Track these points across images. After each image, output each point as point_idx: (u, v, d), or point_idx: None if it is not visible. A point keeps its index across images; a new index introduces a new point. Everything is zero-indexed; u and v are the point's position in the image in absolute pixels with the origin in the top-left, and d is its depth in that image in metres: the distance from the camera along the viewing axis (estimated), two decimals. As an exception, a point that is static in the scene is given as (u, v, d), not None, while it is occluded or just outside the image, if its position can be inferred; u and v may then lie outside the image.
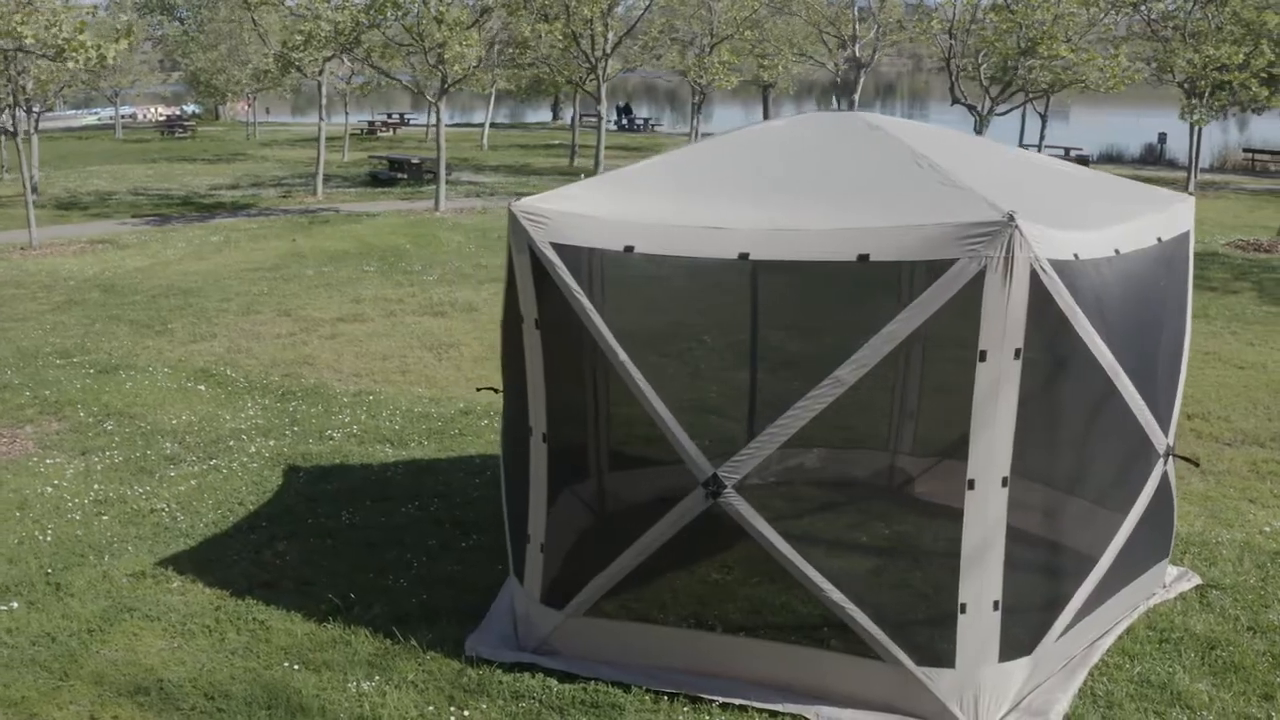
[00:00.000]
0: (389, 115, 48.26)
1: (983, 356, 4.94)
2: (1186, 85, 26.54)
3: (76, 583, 6.86)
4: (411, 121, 49.24)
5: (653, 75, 58.60)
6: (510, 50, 30.89)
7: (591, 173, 15.76)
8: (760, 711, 5.35)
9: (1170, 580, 6.69)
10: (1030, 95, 22.87)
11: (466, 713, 5.39)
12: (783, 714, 5.32)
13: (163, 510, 8.00)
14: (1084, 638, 5.81)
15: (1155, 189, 6.35)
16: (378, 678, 5.70)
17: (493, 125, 43.94)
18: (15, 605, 6.56)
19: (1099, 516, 5.69)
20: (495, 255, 18.91)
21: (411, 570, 6.98)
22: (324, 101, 26.68)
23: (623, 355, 5.33)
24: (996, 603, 5.18)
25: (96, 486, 8.43)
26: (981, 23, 23.40)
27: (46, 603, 6.62)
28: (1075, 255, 5.15)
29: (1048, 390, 5.20)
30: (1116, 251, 5.48)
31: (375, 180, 29.15)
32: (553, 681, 5.63)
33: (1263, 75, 25.85)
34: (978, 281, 4.85)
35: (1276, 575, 6.80)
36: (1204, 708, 5.45)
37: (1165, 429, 5.99)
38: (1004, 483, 5.09)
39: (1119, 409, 5.55)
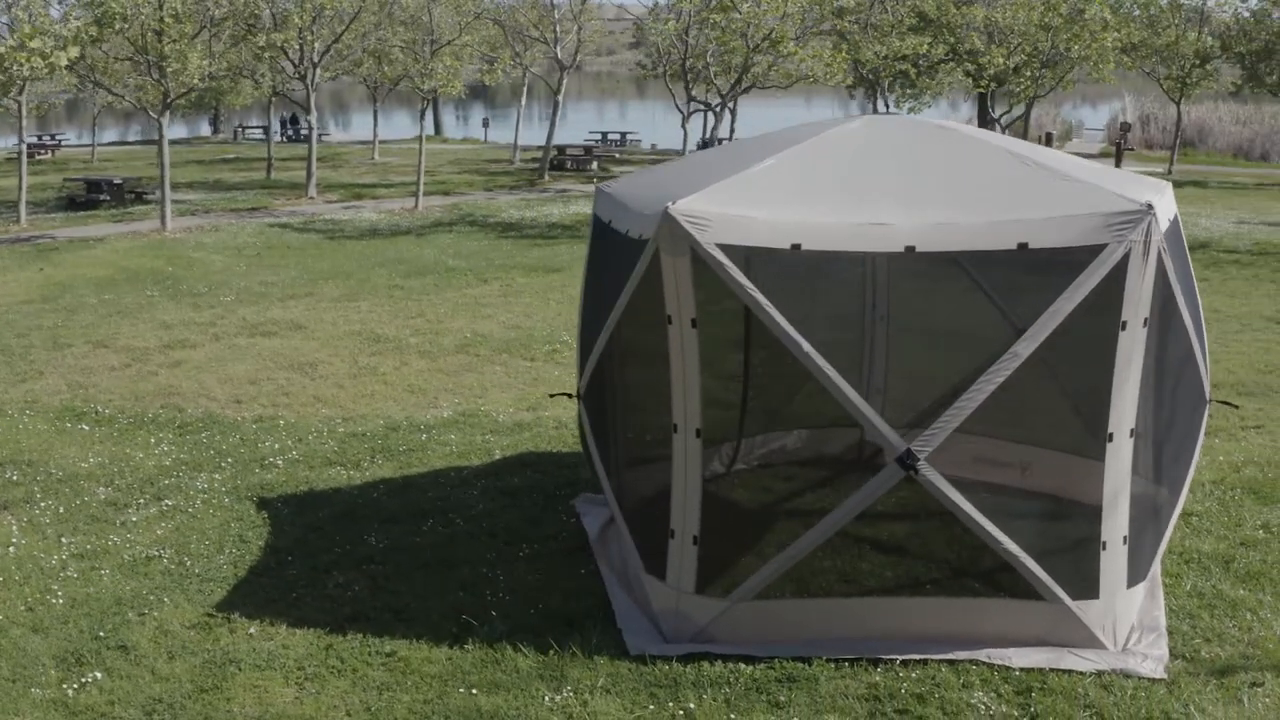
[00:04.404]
0: (39, 137, 43.61)
1: (1123, 327, 5.70)
2: (871, 76, 29.35)
3: (140, 642, 6.25)
4: (65, 143, 44.83)
5: (345, 84, 56.83)
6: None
7: (605, 178, 15.49)
8: (939, 663, 5.86)
9: (1153, 511, 7.81)
10: (761, 88, 24.48)
11: (691, 704, 5.52)
12: (961, 661, 5.85)
13: (161, 557, 7.34)
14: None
15: (1139, 175, 7.40)
16: (567, 689, 5.69)
17: (152, 142, 40.88)
18: (99, 675, 5.90)
19: (1183, 454, 6.64)
20: (274, 273, 18.05)
21: (499, 584, 6.88)
22: (24, 122, 24.10)
23: (806, 346, 5.65)
24: (1125, 537, 5.98)
25: (64, 540, 7.58)
26: (710, 23, 24.75)
27: (125, 668, 5.99)
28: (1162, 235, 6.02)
29: (1157, 351, 6.05)
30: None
31: (73, 204, 26.65)
32: (738, 666, 5.84)
33: (971, 67, 28.95)
34: (1123, 262, 5.60)
35: (1228, 500, 8.10)
36: (1259, 608, 6.51)
37: (1208, 379, 7.05)
38: (1131, 434, 5.89)
39: (1192, 365, 6.53)
